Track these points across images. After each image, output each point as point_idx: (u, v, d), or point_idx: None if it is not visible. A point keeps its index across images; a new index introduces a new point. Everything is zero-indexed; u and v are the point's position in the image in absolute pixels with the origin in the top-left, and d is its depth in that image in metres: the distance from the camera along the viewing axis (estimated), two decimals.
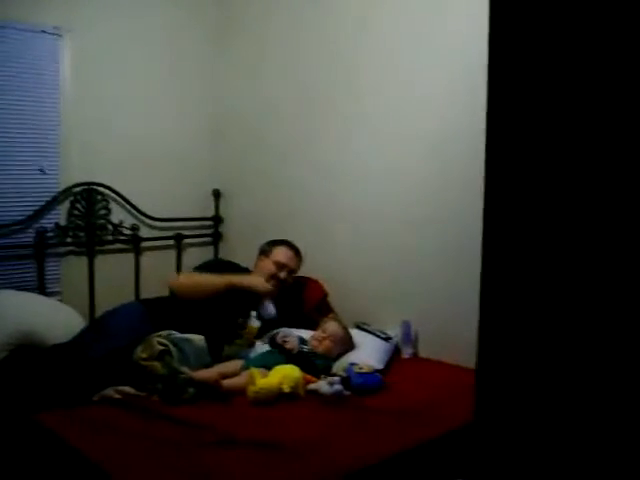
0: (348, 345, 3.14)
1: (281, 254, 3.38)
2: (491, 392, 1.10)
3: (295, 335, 3.04)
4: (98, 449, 2.16)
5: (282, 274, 3.33)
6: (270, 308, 3.21)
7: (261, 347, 3.05)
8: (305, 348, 2.97)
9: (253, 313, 3.12)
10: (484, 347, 1.12)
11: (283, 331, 3.10)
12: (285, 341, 2.95)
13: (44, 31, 3.59)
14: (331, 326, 3.15)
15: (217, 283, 3.16)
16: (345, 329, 3.19)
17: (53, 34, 3.64)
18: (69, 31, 3.68)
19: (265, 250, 3.44)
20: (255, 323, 3.11)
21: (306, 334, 3.13)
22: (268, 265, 3.35)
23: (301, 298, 3.53)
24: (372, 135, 3.52)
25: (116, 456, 2.12)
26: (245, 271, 3.43)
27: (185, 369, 2.64)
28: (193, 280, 3.25)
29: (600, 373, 0.96)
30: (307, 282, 3.61)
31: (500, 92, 1.06)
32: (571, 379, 0.99)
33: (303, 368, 2.78)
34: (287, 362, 2.80)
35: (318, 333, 3.10)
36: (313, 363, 2.88)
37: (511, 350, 1.07)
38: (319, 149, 3.80)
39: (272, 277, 3.31)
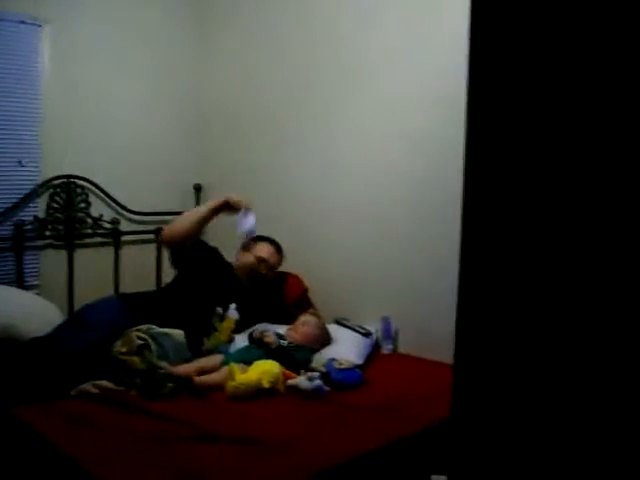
0: (324, 335, 3.15)
1: (263, 249, 3.39)
2: (468, 388, 1.11)
3: (273, 330, 3.04)
4: (75, 443, 2.15)
5: (262, 269, 3.33)
6: (250, 219, 3.15)
7: (241, 342, 3.05)
8: (284, 342, 2.97)
9: (232, 305, 3.12)
10: (461, 343, 1.13)
11: (261, 326, 3.11)
12: (264, 335, 2.95)
13: (23, 22, 3.55)
14: (305, 316, 3.18)
15: (201, 210, 3.26)
16: (321, 319, 3.20)
17: (33, 25, 3.59)
18: (48, 22, 3.65)
19: (247, 245, 3.44)
20: (234, 315, 3.11)
21: (284, 329, 3.13)
22: (249, 259, 3.36)
23: (281, 293, 3.53)
24: (356, 133, 3.52)
25: (93, 451, 2.11)
26: (228, 266, 3.43)
27: (164, 364, 2.64)
28: (179, 220, 3.30)
29: (578, 368, 0.97)
30: (287, 277, 3.62)
31: (480, 91, 1.06)
32: (549, 375, 0.99)
33: (283, 363, 2.78)
34: (267, 357, 2.79)
35: (294, 325, 3.12)
36: (292, 357, 2.88)
37: (488, 346, 1.07)
38: (302, 145, 3.79)
39: (252, 271, 3.32)
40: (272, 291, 3.47)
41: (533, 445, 1.01)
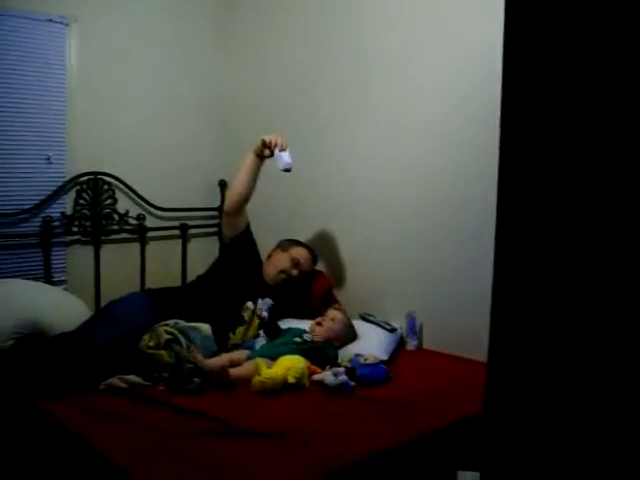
0: (350, 332, 3.15)
1: (299, 252, 3.44)
2: (502, 383, 1.10)
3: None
4: (103, 437, 2.17)
5: (294, 271, 3.37)
6: (285, 157, 3.18)
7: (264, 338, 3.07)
8: (308, 337, 2.98)
9: (260, 301, 3.14)
10: (496, 339, 1.12)
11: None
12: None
13: (51, 20, 3.59)
14: (334, 312, 3.18)
15: (245, 161, 3.35)
16: (346, 315, 3.20)
17: (60, 23, 3.63)
18: (76, 20, 3.68)
19: (284, 245, 3.50)
20: (263, 313, 3.12)
21: (308, 325, 3.12)
22: (284, 258, 3.40)
23: (309, 290, 3.54)
24: (381, 129, 3.50)
25: (121, 445, 2.12)
26: (260, 263, 3.46)
27: (196, 355, 2.65)
28: (232, 184, 3.43)
29: (615, 363, 0.96)
30: (314, 274, 3.62)
31: (514, 88, 1.05)
32: (583, 372, 0.99)
33: (311, 358, 2.80)
34: (292, 352, 2.80)
35: (319, 319, 3.12)
36: (324, 354, 2.89)
37: (523, 342, 1.07)
38: (324, 141, 3.79)
39: (283, 271, 3.36)
40: (299, 287, 3.48)
41: (567, 441, 1.01)
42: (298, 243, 3.53)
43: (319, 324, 3.08)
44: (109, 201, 3.90)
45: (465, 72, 3.10)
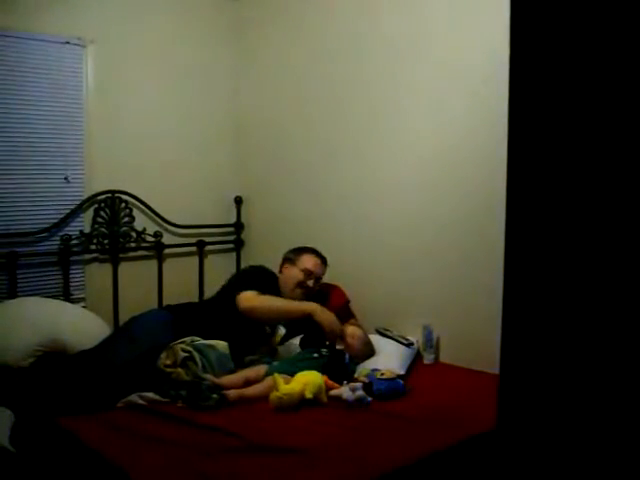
0: (369, 349, 3.15)
1: (309, 262, 3.40)
2: (514, 398, 1.10)
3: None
4: (122, 454, 2.18)
5: (310, 282, 3.35)
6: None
7: (283, 353, 3.07)
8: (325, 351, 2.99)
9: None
10: (507, 352, 1.13)
11: None
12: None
13: (68, 42, 3.64)
14: (352, 329, 3.18)
15: (293, 310, 3.17)
16: (363, 330, 3.21)
17: (77, 45, 3.69)
18: (92, 42, 3.74)
19: (291, 258, 3.45)
20: (281, 331, 3.12)
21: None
22: (296, 273, 3.37)
23: (326, 304, 3.51)
24: (397, 148, 3.51)
25: (140, 461, 2.14)
26: (273, 280, 3.44)
27: (208, 375, 2.67)
28: (264, 304, 3.17)
29: (627, 377, 0.96)
30: (330, 289, 3.62)
31: (521, 96, 1.06)
32: (595, 385, 0.99)
33: (330, 371, 2.81)
34: (311, 368, 2.80)
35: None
36: (343, 365, 2.91)
37: (534, 355, 1.07)
38: (339, 156, 3.81)
39: (299, 285, 3.34)
40: (316, 301, 3.46)
41: (580, 453, 1.01)
42: (303, 251, 3.46)
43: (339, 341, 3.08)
44: (126, 219, 3.94)
45: (475, 111, 3.13)
